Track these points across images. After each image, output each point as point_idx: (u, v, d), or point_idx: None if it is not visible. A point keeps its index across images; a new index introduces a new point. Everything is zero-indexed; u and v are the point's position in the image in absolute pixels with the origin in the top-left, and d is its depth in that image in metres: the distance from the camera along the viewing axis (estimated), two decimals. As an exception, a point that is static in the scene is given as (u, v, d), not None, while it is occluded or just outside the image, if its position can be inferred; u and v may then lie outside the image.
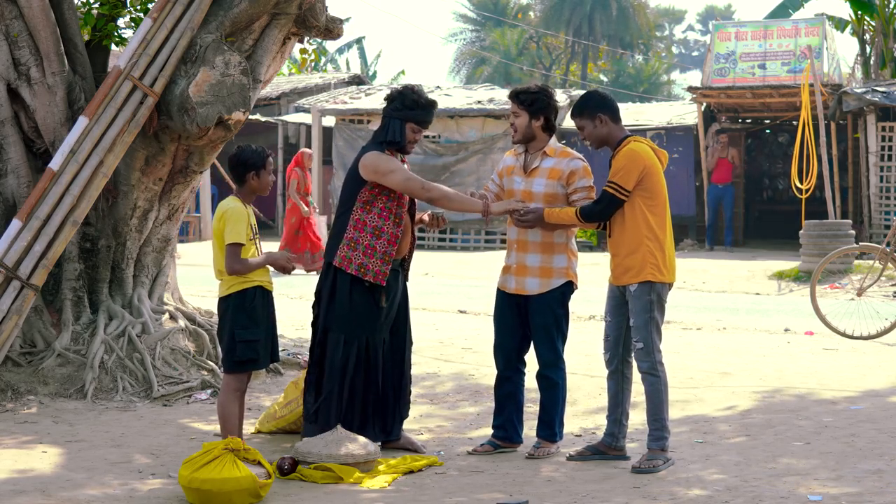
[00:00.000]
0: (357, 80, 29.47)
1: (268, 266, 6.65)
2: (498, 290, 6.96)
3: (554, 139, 6.89)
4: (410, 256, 7.00)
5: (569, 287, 6.85)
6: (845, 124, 21.67)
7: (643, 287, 6.45)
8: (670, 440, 6.60)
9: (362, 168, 6.67)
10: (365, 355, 6.74)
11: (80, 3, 9.58)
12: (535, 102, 6.78)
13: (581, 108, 6.56)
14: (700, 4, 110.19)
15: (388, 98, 6.82)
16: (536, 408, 8.10)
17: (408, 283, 7.01)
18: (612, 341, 6.66)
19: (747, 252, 21.10)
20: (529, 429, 7.04)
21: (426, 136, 21.91)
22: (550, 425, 6.84)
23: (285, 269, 6.64)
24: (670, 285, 6.58)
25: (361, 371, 6.73)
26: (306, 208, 16.60)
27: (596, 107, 6.54)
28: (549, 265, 6.78)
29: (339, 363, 6.70)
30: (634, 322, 6.48)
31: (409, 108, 6.74)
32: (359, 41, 54.61)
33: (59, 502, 5.75)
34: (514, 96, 6.85)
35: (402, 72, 44.27)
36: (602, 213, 6.49)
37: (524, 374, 6.98)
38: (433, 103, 6.84)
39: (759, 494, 5.74)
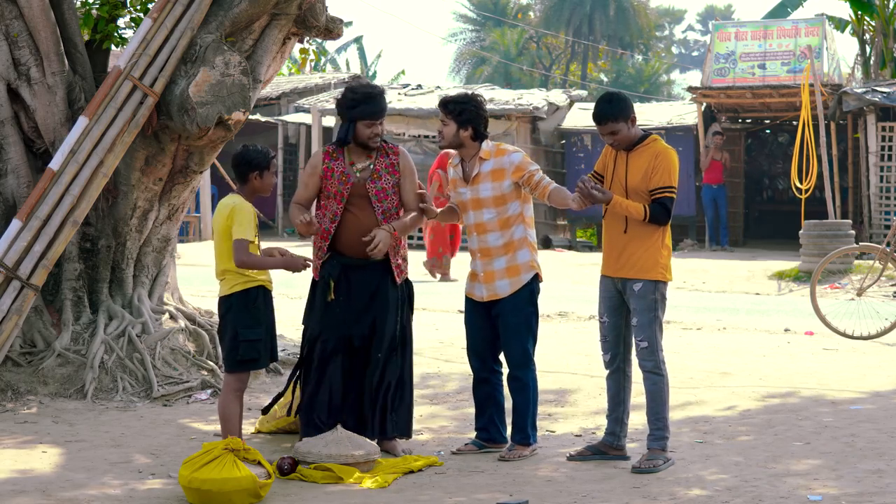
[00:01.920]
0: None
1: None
2: (466, 296, 6.97)
3: (486, 141, 6.86)
4: (397, 257, 6.84)
5: (536, 282, 6.84)
6: (845, 124, 21.66)
7: (649, 285, 6.45)
8: (670, 440, 6.60)
9: None
10: (321, 349, 6.74)
11: (80, 3, 9.58)
12: (462, 112, 6.76)
13: (617, 112, 6.45)
14: (700, 4, 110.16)
15: (336, 104, 6.90)
16: (546, 407, 8.14)
17: (394, 286, 6.81)
18: (611, 341, 6.64)
19: (747, 252, 21.10)
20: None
21: (426, 137, 21.93)
22: (523, 429, 6.81)
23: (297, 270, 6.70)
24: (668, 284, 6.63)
25: (320, 364, 6.74)
26: None
27: (629, 108, 6.50)
28: (515, 262, 6.77)
29: (302, 354, 6.89)
30: (639, 321, 6.47)
31: (351, 107, 6.73)
32: (357, 40, 54.55)
33: (59, 502, 5.75)
34: (443, 105, 6.83)
35: (403, 71, 44.21)
36: (668, 218, 6.49)
37: (501, 373, 6.97)
38: (370, 94, 6.73)
39: (759, 494, 5.75)
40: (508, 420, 6.99)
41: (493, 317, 6.83)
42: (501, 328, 6.80)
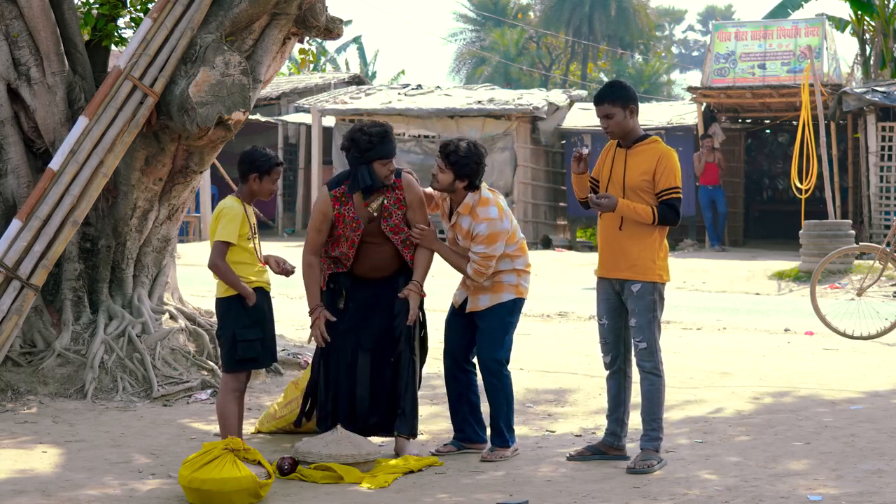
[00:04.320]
0: (357, 80, 29.44)
1: (266, 266, 6.67)
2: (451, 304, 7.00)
3: (471, 194, 6.74)
4: (390, 274, 6.84)
5: (519, 300, 6.86)
6: (845, 124, 21.65)
7: (647, 286, 6.45)
8: (667, 441, 6.61)
9: None
10: (325, 352, 6.72)
11: (80, 3, 9.58)
12: (463, 167, 6.66)
13: (615, 96, 6.46)
14: (700, 4, 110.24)
15: (345, 148, 6.72)
16: (546, 407, 8.15)
17: (395, 297, 6.80)
18: (611, 343, 6.64)
19: (747, 252, 21.10)
20: (530, 429, 7.04)
21: (426, 137, 21.94)
22: (500, 432, 6.82)
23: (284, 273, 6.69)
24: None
25: (325, 366, 6.73)
26: None
27: (630, 97, 6.49)
28: (500, 280, 6.78)
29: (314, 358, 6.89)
30: (638, 322, 6.46)
31: (366, 150, 6.61)
32: (357, 40, 54.53)
33: (59, 502, 5.75)
34: (445, 155, 6.69)
35: (402, 71, 44.22)
36: (678, 218, 6.48)
37: (474, 373, 6.97)
38: (383, 134, 6.63)
39: (759, 494, 5.75)
40: (486, 421, 6.98)
41: (472, 322, 6.87)
42: (478, 332, 6.84)
